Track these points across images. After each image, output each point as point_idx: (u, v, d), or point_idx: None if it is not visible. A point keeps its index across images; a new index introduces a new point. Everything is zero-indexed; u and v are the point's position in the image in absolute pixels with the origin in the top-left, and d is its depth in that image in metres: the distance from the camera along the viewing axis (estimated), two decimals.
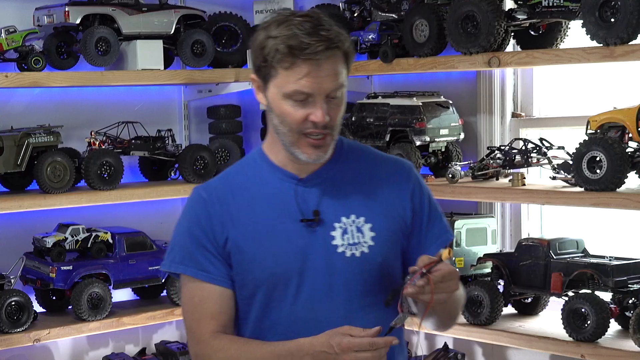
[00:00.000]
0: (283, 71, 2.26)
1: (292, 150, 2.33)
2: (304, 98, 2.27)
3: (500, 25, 3.76)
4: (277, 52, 2.25)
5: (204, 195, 2.40)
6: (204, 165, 4.33)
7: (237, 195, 2.39)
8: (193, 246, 2.38)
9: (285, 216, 2.35)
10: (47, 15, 4.08)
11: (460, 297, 2.45)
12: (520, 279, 3.82)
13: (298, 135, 2.30)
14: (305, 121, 2.28)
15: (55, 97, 4.33)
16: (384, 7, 4.24)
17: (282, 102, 2.29)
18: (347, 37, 2.31)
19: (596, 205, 3.50)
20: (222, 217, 2.37)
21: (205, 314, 2.37)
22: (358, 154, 2.47)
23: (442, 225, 2.47)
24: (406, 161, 2.52)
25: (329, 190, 2.38)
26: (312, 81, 2.25)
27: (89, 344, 4.42)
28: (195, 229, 2.38)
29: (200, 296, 2.38)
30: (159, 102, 4.66)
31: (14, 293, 3.89)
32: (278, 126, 2.33)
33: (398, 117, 4.14)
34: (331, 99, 2.29)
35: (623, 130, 3.51)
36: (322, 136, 2.31)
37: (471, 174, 3.98)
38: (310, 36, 2.23)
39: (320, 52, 2.23)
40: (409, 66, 4.09)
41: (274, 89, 2.31)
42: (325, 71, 2.25)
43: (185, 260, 2.39)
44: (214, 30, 4.54)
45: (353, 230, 2.36)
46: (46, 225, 4.19)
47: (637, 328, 3.41)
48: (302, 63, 2.24)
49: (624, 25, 3.36)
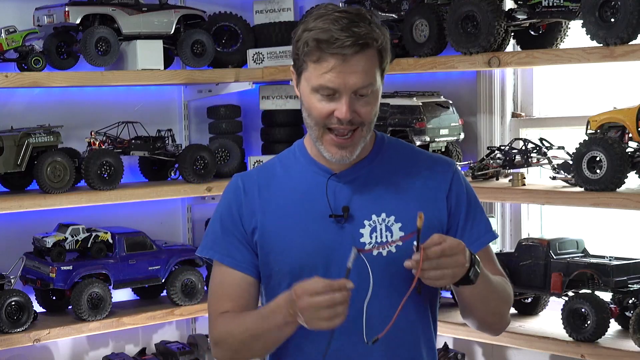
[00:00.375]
0: (312, 64, 2.27)
1: (318, 145, 2.34)
2: (331, 93, 2.27)
3: (500, 25, 3.76)
4: (306, 45, 2.26)
5: (239, 184, 2.44)
6: (204, 165, 4.33)
7: (272, 186, 2.41)
8: (222, 232, 2.42)
9: (315, 210, 2.36)
10: (47, 15, 4.08)
11: (501, 288, 2.39)
12: (520, 279, 3.82)
13: (323, 130, 2.31)
14: (330, 116, 2.28)
15: (55, 97, 4.33)
16: (384, 7, 4.24)
17: (311, 96, 2.30)
18: (383, 34, 2.28)
19: (596, 205, 3.50)
20: (253, 206, 2.40)
21: (222, 295, 2.41)
22: (397, 151, 2.45)
23: (482, 227, 2.44)
24: (449, 159, 2.48)
25: (362, 187, 2.38)
26: (337, 76, 2.24)
27: (89, 344, 4.42)
28: (226, 216, 2.43)
29: (221, 279, 2.42)
30: (159, 102, 4.66)
31: (14, 293, 3.89)
32: (306, 119, 2.34)
33: (398, 117, 4.14)
34: (360, 96, 2.28)
35: (623, 130, 3.51)
36: (350, 134, 2.30)
37: (471, 174, 3.98)
38: (342, 31, 2.22)
39: (348, 47, 2.22)
40: (409, 66, 4.09)
41: (304, 82, 2.32)
42: (353, 67, 2.24)
43: (215, 246, 2.43)
44: (214, 30, 4.54)
45: (382, 229, 2.35)
46: (46, 225, 4.19)
47: (637, 328, 3.41)
48: (329, 57, 2.24)
49: (624, 25, 3.36)
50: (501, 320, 2.46)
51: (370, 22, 2.27)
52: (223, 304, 2.41)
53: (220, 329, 2.39)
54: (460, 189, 2.42)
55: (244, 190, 2.42)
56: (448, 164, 2.45)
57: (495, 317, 2.43)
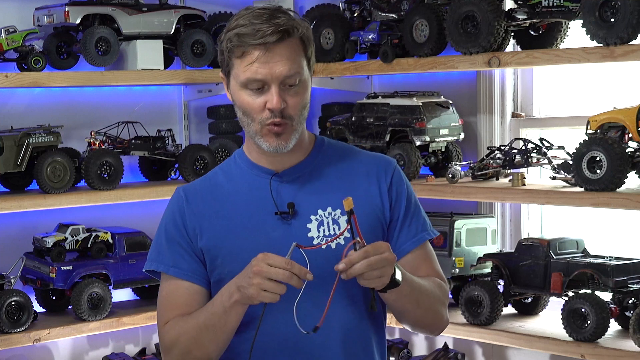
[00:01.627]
0: (237, 60, 2.29)
1: (257, 140, 2.35)
2: (260, 86, 2.28)
3: (500, 25, 3.76)
4: (229, 42, 2.28)
5: (182, 194, 2.44)
6: (204, 165, 4.33)
7: (215, 192, 2.42)
8: (167, 243, 2.42)
9: (260, 210, 2.37)
10: (47, 15, 4.08)
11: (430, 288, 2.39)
12: (520, 279, 3.82)
13: (260, 125, 2.32)
14: (264, 110, 2.30)
15: (55, 97, 4.33)
16: (384, 7, 4.24)
17: (241, 93, 2.31)
18: (304, 25, 2.31)
19: (596, 205, 3.50)
20: (196, 214, 2.40)
21: (169, 305, 2.40)
22: (338, 151, 2.47)
23: (420, 224, 2.45)
24: (389, 157, 2.51)
25: (305, 184, 2.40)
26: (262, 66, 2.26)
27: (89, 344, 4.42)
28: (171, 227, 2.42)
29: (167, 290, 2.41)
30: (159, 102, 4.66)
31: (14, 293, 3.89)
32: (241, 118, 2.35)
33: (398, 117, 4.14)
34: (289, 86, 2.30)
35: (623, 130, 3.51)
36: (280, 125, 2.31)
37: (471, 174, 3.98)
38: (262, 23, 2.25)
39: (269, 35, 2.24)
40: (409, 66, 4.09)
41: (233, 82, 2.34)
42: (277, 56, 2.26)
43: (160, 257, 2.42)
44: (214, 30, 4.54)
45: (329, 222, 2.37)
46: (46, 225, 4.19)
47: (637, 328, 3.41)
48: (252, 49, 2.26)
49: (624, 25, 3.36)
50: (437, 320, 2.44)
51: (293, 16, 2.31)
52: (170, 313, 2.39)
53: (170, 334, 2.36)
54: (400, 186, 2.45)
55: (187, 200, 2.42)
56: (389, 161, 2.48)
57: (430, 317, 2.42)
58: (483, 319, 3.86)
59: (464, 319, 3.94)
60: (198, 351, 2.33)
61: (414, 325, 2.45)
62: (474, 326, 3.90)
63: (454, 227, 3.98)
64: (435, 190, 3.95)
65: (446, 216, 4.02)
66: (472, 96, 4.30)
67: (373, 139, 4.20)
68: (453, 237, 3.97)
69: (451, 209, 4.09)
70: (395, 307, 2.36)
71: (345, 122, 4.30)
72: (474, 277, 4.02)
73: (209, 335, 2.30)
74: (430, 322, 2.44)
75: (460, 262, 3.99)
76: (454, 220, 3.99)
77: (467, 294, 3.90)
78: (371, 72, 4.29)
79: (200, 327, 2.31)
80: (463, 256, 4.01)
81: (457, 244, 3.99)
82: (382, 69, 4.16)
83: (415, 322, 2.43)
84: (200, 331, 2.31)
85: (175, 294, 2.40)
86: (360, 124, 4.27)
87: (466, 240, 4.01)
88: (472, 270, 4.01)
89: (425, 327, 2.47)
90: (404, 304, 2.34)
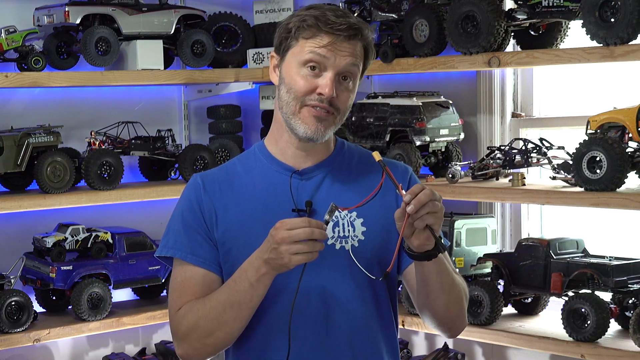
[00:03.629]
0: (304, 40, 2.33)
1: (292, 122, 2.35)
2: (318, 67, 2.31)
3: (500, 25, 3.76)
4: (303, 22, 2.32)
5: (199, 182, 2.44)
6: (204, 165, 4.33)
7: (233, 184, 2.42)
8: (184, 230, 2.41)
9: (278, 206, 2.37)
10: (47, 15, 4.08)
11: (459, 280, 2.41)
12: (520, 279, 3.82)
13: (300, 105, 2.33)
14: (312, 93, 2.32)
15: (55, 97, 4.33)
16: (384, 7, 4.24)
17: (296, 70, 2.33)
18: (372, 32, 2.37)
19: (596, 205, 3.50)
20: (214, 203, 2.40)
21: (185, 293, 2.39)
22: (356, 155, 2.49)
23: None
24: (405, 165, 2.54)
25: (324, 184, 2.41)
26: (329, 51, 2.30)
27: (89, 344, 4.42)
28: (188, 214, 2.41)
29: (183, 277, 2.40)
30: (159, 102, 4.66)
31: (14, 293, 3.89)
32: (283, 96, 2.36)
33: (398, 117, 4.14)
34: (342, 79, 2.33)
35: (623, 130, 3.51)
36: (326, 111, 2.33)
37: (471, 174, 3.98)
38: (337, 17, 2.31)
39: (344, 29, 2.30)
40: (409, 66, 4.10)
41: (291, 58, 2.35)
42: (344, 49, 2.31)
43: (177, 244, 2.42)
44: (214, 30, 4.54)
45: (344, 224, 2.38)
46: (46, 225, 4.19)
47: (637, 328, 3.41)
48: (324, 35, 2.30)
49: (624, 25, 3.36)
50: (461, 316, 2.43)
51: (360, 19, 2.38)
52: (184, 300, 2.39)
53: (188, 318, 2.35)
54: None
55: (204, 188, 2.42)
56: (405, 169, 2.52)
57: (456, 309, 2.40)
58: (483, 319, 3.86)
59: None
60: (221, 331, 2.33)
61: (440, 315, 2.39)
62: (474, 326, 3.89)
63: (454, 227, 3.98)
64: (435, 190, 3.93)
65: (446, 216, 4.01)
66: (472, 96, 4.30)
67: (373, 139, 4.20)
68: (453, 237, 3.97)
69: (451, 209, 4.09)
70: (430, 285, 2.32)
71: (346, 122, 4.30)
72: (474, 277, 4.01)
73: (234, 313, 2.30)
74: (454, 315, 2.40)
75: (460, 262, 3.99)
76: (454, 220, 3.99)
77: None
78: (371, 72, 4.29)
79: (224, 306, 2.30)
80: (463, 256, 4.01)
81: (457, 244, 3.99)
82: (382, 69, 4.16)
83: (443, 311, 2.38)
84: (223, 310, 2.30)
85: (191, 281, 2.39)
86: (360, 124, 4.27)
87: (466, 240, 4.01)
88: (472, 270, 4.01)
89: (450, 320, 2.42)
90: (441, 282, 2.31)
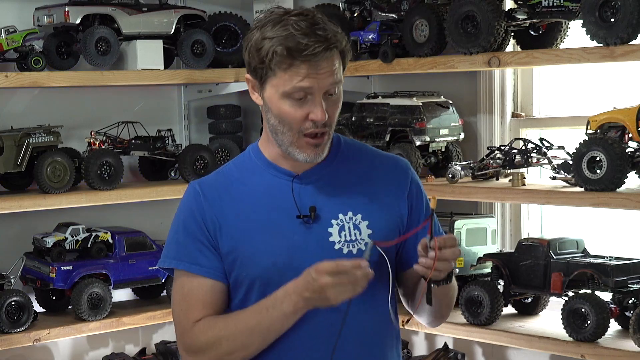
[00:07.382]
0: (281, 72, 2.27)
1: (291, 150, 2.33)
2: (303, 96, 2.27)
3: (500, 25, 3.76)
4: (275, 54, 2.24)
5: (198, 190, 2.40)
6: (204, 165, 4.33)
7: (232, 190, 2.39)
8: (187, 240, 2.38)
9: (280, 212, 2.35)
10: (47, 15, 4.08)
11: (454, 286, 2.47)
12: (520, 279, 3.82)
13: (298, 135, 2.31)
14: (305, 120, 2.29)
15: (55, 97, 4.33)
16: (384, 7, 4.24)
17: (281, 102, 2.29)
18: (343, 35, 2.31)
19: (596, 205, 3.50)
20: (215, 212, 2.37)
21: (193, 304, 2.36)
22: (355, 152, 2.47)
23: (436, 230, 2.45)
24: (403, 159, 2.52)
25: (326, 187, 2.38)
26: (311, 79, 2.25)
27: (89, 344, 4.42)
28: (190, 223, 2.38)
29: (189, 287, 2.37)
30: (159, 102, 4.66)
31: (14, 293, 3.89)
32: (276, 126, 2.33)
33: (398, 117, 4.14)
34: (329, 95, 2.30)
35: (623, 130, 3.51)
36: (321, 135, 2.31)
37: (471, 174, 3.98)
38: (307, 37, 2.23)
39: (318, 51, 2.23)
40: (409, 66, 4.09)
41: (271, 89, 2.31)
42: (323, 69, 2.26)
43: (179, 255, 2.39)
44: (214, 30, 4.54)
45: (350, 227, 2.36)
46: (46, 225, 4.19)
47: (637, 328, 3.41)
48: (300, 64, 2.24)
49: (624, 25, 3.36)
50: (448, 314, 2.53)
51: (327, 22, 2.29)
52: (195, 312, 2.35)
53: (208, 335, 2.33)
54: (419, 189, 2.48)
55: (204, 195, 2.39)
56: (406, 163, 2.51)
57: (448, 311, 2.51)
58: (483, 319, 3.86)
59: (464, 319, 3.93)
60: (242, 352, 2.32)
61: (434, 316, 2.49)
62: (474, 326, 3.89)
63: (454, 227, 3.98)
64: (436, 190, 3.94)
65: (446, 216, 4.01)
66: (472, 96, 4.30)
67: (373, 139, 4.20)
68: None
69: (451, 209, 4.09)
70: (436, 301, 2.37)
71: (346, 122, 4.30)
72: (474, 277, 4.01)
73: (261, 338, 2.31)
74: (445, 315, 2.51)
75: (460, 262, 3.99)
76: (454, 220, 3.98)
77: (467, 294, 3.90)
78: (371, 72, 4.29)
79: (252, 330, 2.29)
80: (463, 256, 4.01)
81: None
82: (382, 69, 4.16)
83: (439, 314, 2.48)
84: (250, 334, 2.30)
85: (198, 292, 2.36)
86: (360, 124, 4.27)
87: (466, 240, 4.01)
88: (472, 270, 4.01)
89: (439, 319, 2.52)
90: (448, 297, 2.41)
